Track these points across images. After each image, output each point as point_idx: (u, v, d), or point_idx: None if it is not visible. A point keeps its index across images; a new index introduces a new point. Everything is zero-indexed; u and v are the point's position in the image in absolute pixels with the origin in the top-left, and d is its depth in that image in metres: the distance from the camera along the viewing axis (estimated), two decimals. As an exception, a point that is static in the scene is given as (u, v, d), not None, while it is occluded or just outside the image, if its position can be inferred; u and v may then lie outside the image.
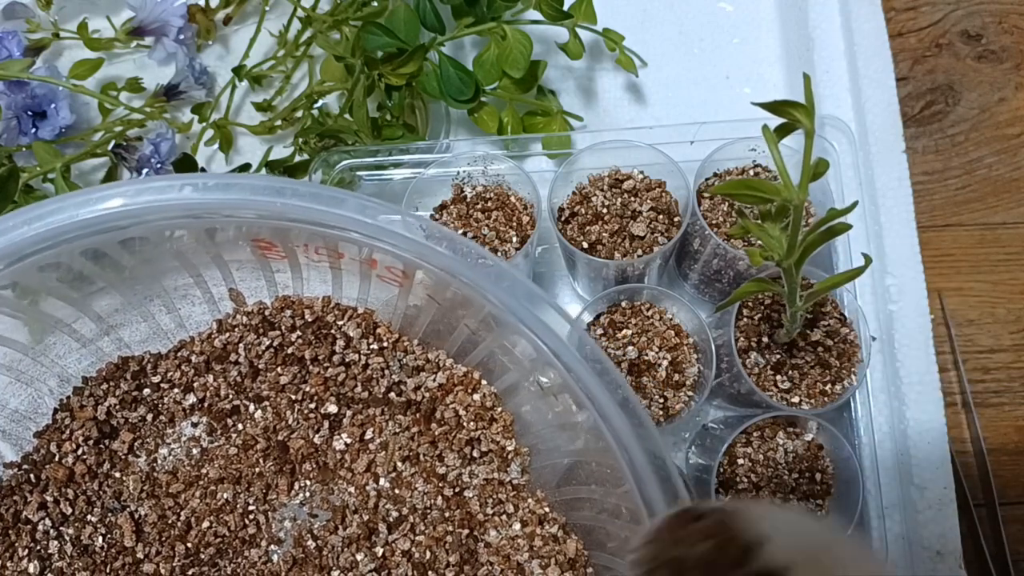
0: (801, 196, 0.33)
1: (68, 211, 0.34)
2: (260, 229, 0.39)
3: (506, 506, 0.43)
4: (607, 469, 0.36)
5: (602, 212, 0.50)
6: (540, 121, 0.58)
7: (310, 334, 0.45)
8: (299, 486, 0.45)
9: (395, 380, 0.45)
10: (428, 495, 0.43)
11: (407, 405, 0.45)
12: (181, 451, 0.45)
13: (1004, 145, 0.61)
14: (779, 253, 0.36)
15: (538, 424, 0.43)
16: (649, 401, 0.47)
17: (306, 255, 0.41)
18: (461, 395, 0.44)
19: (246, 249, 0.41)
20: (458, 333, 0.43)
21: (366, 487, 0.44)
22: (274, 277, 0.45)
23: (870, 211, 0.53)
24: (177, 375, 0.46)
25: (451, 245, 0.37)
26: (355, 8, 0.57)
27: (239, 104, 0.64)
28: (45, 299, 0.40)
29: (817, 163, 0.34)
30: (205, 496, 0.45)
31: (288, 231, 0.38)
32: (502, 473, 0.43)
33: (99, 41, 0.61)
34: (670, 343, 0.49)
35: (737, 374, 0.46)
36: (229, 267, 0.43)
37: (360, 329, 0.45)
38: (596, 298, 0.49)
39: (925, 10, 0.64)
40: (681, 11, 0.65)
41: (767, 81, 0.62)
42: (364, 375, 0.45)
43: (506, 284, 0.36)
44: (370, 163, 0.55)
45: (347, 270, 0.42)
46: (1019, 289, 0.58)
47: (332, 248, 0.40)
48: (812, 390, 0.47)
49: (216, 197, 0.35)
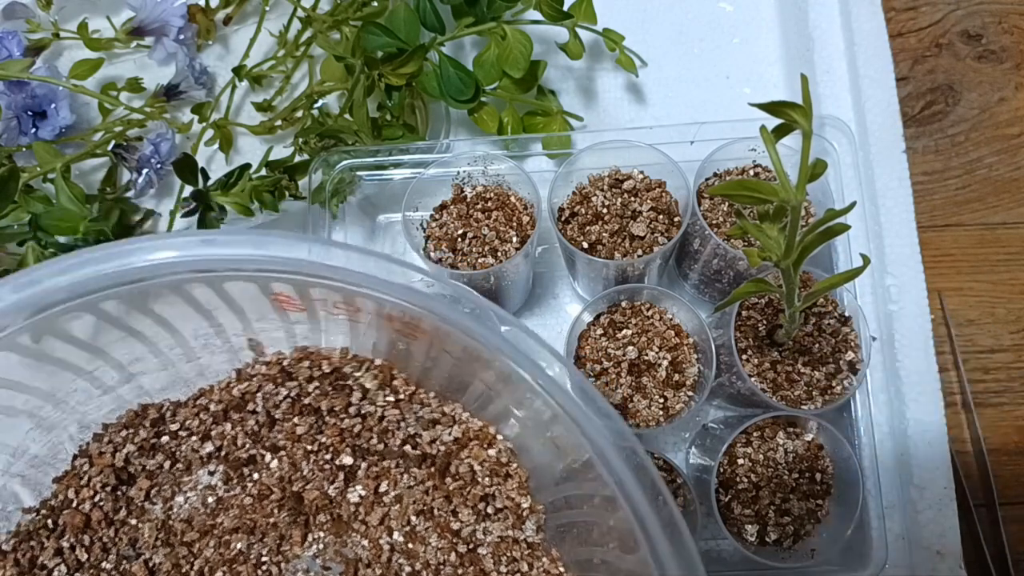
0: (799, 197, 0.33)
1: (92, 265, 0.35)
2: (276, 284, 0.39)
3: (520, 564, 0.42)
4: (621, 531, 0.35)
5: (602, 212, 0.50)
6: (540, 121, 0.58)
7: (327, 385, 0.45)
8: (313, 538, 0.44)
9: (411, 433, 0.44)
10: (442, 551, 0.43)
11: (422, 459, 0.44)
12: (197, 499, 0.45)
13: (1004, 145, 0.61)
14: (777, 254, 0.36)
15: (551, 480, 0.43)
16: (649, 401, 0.47)
17: (324, 308, 0.41)
18: (476, 450, 0.44)
19: (265, 301, 0.41)
20: (474, 387, 0.43)
21: (379, 541, 0.43)
22: (293, 328, 0.44)
23: (870, 211, 0.53)
24: (195, 423, 0.46)
25: (455, 294, 0.36)
26: (355, 8, 0.57)
27: (239, 104, 0.64)
28: (66, 347, 0.40)
29: (815, 164, 0.34)
30: (219, 546, 0.44)
31: (306, 286, 0.38)
32: (517, 531, 0.43)
33: (99, 41, 0.61)
34: (670, 343, 0.49)
35: (737, 374, 0.46)
36: (248, 317, 0.43)
37: (377, 381, 0.45)
38: (596, 298, 0.49)
39: (925, 10, 0.64)
40: (681, 11, 0.65)
41: (767, 81, 0.62)
42: (380, 427, 0.45)
43: (508, 337, 0.35)
44: (370, 163, 0.55)
45: (364, 322, 0.42)
46: (1019, 289, 0.58)
47: (349, 302, 0.40)
48: (812, 390, 0.47)
49: (226, 253, 0.35)
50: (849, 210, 0.36)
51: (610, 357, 0.49)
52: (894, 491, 0.50)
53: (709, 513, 0.46)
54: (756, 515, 0.47)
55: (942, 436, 0.51)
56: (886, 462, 0.50)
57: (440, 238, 0.52)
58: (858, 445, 0.49)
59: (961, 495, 0.51)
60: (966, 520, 0.53)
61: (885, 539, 0.48)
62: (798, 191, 0.33)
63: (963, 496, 0.53)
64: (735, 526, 0.47)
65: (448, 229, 0.52)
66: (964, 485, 0.53)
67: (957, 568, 0.49)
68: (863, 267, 0.38)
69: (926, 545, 0.49)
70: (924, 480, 0.50)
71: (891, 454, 0.51)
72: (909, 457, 0.51)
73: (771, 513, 0.47)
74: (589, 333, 0.50)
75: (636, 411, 0.47)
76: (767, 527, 0.47)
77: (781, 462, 0.48)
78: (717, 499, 0.47)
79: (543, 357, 0.35)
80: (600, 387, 0.48)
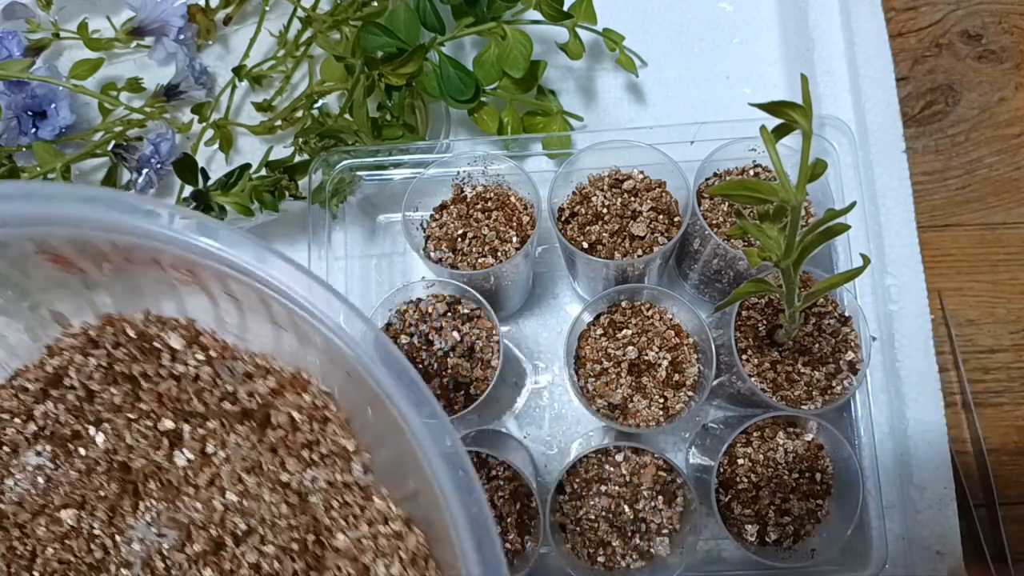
0: (799, 197, 0.33)
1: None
2: (52, 241, 0.38)
3: (353, 508, 0.42)
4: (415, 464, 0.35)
5: (602, 212, 0.50)
6: (540, 121, 0.58)
7: (135, 349, 0.44)
8: (144, 506, 0.44)
9: (229, 390, 0.44)
10: (274, 504, 0.43)
11: (243, 414, 0.44)
12: (27, 481, 0.45)
13: (1004, 145, 0.61)
14: (777, 254, 0.36)
15: (368, 418, 0.42)
16: (649, 401, 0.47)
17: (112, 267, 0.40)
18: (292, 397, 0.43)
19: (51, 268, 0.40)
20: (272, 330, 0.42)
21: (212, 502, 0.43)
22: (91, 296, 0.44)
23: (870, 211, 0.53)
24: (16, 404, 0.45)
25: (201, 230, 0.34)
26: (355, 8, 0.57)
27: (239, 104, 0.64)
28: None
29: (815, 164, 0.34)
30: (51, 523, 0.44)
31: (78, 241, 0.37)
32: (345, 475, 0.43)
33: (99, 41, 0.61)
34: (670, 343, 0.49)
35: (737, 374, 0.46)
36: (47, 289, 0.43)
37: (183, 340, 0.44)
38: (596, 298, 0.49)
39: (925, 10, 0.64)
40: (681, 11, 0.65)
41: (767, 81, 0.62)
42: (196, 387, 0.44)
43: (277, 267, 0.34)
44: (370, 163, 0.55)
45: (154, 277, 0.41)
46: (1019, 289, 0.58)
47: (129, 258, 0.39)
48: (812, 390, 0.47)
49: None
50: (849, 210, 0.36)
51: (610, 357, 0.49)
52: (894, 491, 0.50)
53: (709, 513, 0.46)
54: (756, 515, 0.47)
55: (942, 436, 0.51)
56: (886, 462, 0.50)
57: (440, 238, 0.52)
58: (858, 445, 0.49)
59: (961, 495, 0.51)
60: (966, 520, 0.53)
61: (885, 539, 0.48)
62: (798, 191, 0.33)
63: (963, 496, 0.53)
64: (735, 526, 0.47)
65: (448, 229, 0.52)
66: (964, 485, 0.53)
67: (957, 568, 0.49)
68: (863, 267, 0.38)
69: (926, 545, 0.50)
70: (924, 480, 0.50)
71: (891, 454, 0.51)
72: (909, 457, 0.51)
73: (771, 513, 0.47)
74: (589, 333, 0.50)
75: (636, 411, 0.47)
76: (767, 527, 0.47)
77: (781, 462, 0.48)
78: (717, 499, 0.47)
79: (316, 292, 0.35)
80: (600, 387, 0.48)
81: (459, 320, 0.50)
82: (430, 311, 0.50)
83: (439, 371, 0.49)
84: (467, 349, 0.49)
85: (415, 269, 0.60)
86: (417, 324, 0.50)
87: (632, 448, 0.48)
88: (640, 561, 0.47)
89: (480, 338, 0.49)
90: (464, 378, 0.49)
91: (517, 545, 0.48)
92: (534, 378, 0.58)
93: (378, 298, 0.50)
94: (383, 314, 0.50)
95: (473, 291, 0.48)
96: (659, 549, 0.47)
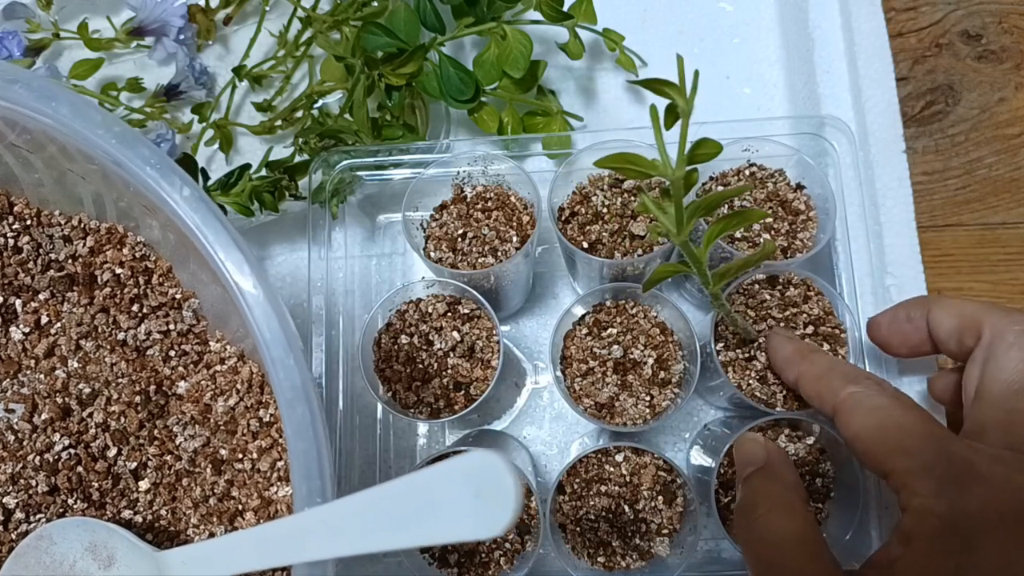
0: (677, 173, 0.33)
1: None
2: None
3: (191, 356, 0.43)
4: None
5: (602, 212, 0.50)
6: (540, 121, 0.58)
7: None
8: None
9: (52, 258, 0.44)
10: (115, 364, 0.44)
11: (70, 280, 0.44)
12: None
13: (1004, 145, 0.61)
14: (669, 229, 0.37)
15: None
16: (635, 399, 0.47)
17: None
18: (112, 253, 0.44)
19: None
20: (83, 192, 0.42)
21: (54, 372, 0.44)
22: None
23: (870, 211, 0.53)
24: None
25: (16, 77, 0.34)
26: (355, 8, 0.57)
27: (239, 104, 0.64)
28: None
29: (700, 143, 0.34)
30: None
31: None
32: (177, 323, 0.44)
33: (99, 41, 0.61)
34: (655, 341, 0.49)
35: (725, 383, 0.46)
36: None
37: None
38: (581, 296, 0.49)
39: (925, 10, 0.64)
40: (681, 11, 0.65)
41: (767, 81, 0.62)
42: (19, 259, 0.44)
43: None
44: (370, 163, 0.55)
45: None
46: (1019, 289, 0.58)
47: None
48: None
49: None
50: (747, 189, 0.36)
51: (596, 356, 0.48)
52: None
53: (709, 513, 0.46)
54: (756, 515, 0.47)
55: (942, 436, 0.51)
56: (886, 462, 0.50)
57: (440, 238, 0.52)
58: (858, 445, 0.48)
59: (961, 495, 0.51)
60: (966, 520, 0.53)
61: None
62: (678, 168, 0.33)
63: (963, 496, 0.52)
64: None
65: (448, 229, 0.52)
66: (964, 485, 0.53)
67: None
68: (770, 249, 0.39)
69: (926, 545, 0.49)
70: (924, 480, 0.50)
71: (891, 454, 0.50)
72: (909, 457, 0.50)
73: (771, 513, 0.47)
74: (575, 333, 0.50)
75: (623, 409, 0.47)
76: (767, 527, 0.47)
77: (781, 462, 0.48)
78: (717, 499, 0.47)
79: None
80: (587, 387, 0.48)
81: (459, 320, 0.50)
82: (430, 311, 0.50)
83: (439, 371, 0.49)
84: (467, 349, 0.49)
85: (415, 269, 0.60)
86: (417, 324, 0.50)
87: (632, 448, 0.48)
88: (640, 561, 0.47)
89: (480, 338, 0.49)
90: (464, 378, 0.49)
91: (517, 545, 0.48)
92: (534, 378, 0.58)
93: (378, 298, 0.50)
94: (383, 314, 0.50)
95: (473, 291, 0.48)
96: (659, 549, 0.47)
